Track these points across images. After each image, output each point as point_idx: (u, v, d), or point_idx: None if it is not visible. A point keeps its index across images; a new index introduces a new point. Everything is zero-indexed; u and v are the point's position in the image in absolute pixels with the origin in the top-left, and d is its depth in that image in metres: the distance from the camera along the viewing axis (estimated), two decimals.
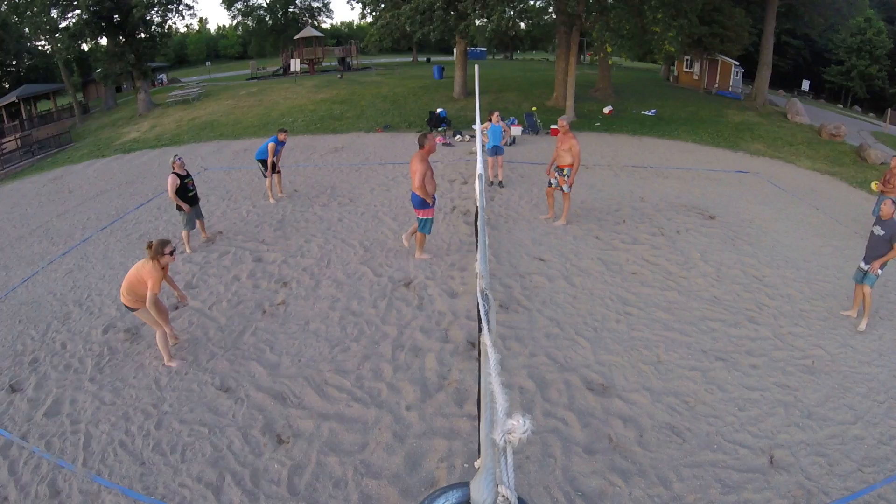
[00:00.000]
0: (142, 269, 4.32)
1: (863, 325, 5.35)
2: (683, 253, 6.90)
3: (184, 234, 6.96)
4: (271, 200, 8.98)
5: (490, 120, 9.51)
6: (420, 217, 6.16)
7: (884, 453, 3.70)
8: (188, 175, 6.88)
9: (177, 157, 6.81)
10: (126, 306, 4.47)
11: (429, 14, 15.51)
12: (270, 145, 8.52)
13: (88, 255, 7.24)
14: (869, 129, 21.51)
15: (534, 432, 1.91)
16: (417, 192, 5.88)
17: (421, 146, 5.83)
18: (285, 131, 8.86)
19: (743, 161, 12.69)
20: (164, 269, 4.40)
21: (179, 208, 6.79)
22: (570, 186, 7.50)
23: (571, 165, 7.30)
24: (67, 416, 4.06)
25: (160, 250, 4.32)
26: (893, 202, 5.17)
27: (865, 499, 3.34)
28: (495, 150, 9.39)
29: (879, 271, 5.28)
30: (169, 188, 6.64)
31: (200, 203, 7.23)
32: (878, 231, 5.28)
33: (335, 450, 3.66)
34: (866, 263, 5.36)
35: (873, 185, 8.42)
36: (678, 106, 19.70)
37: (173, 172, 6.70)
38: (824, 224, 8.45)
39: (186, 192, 6.79)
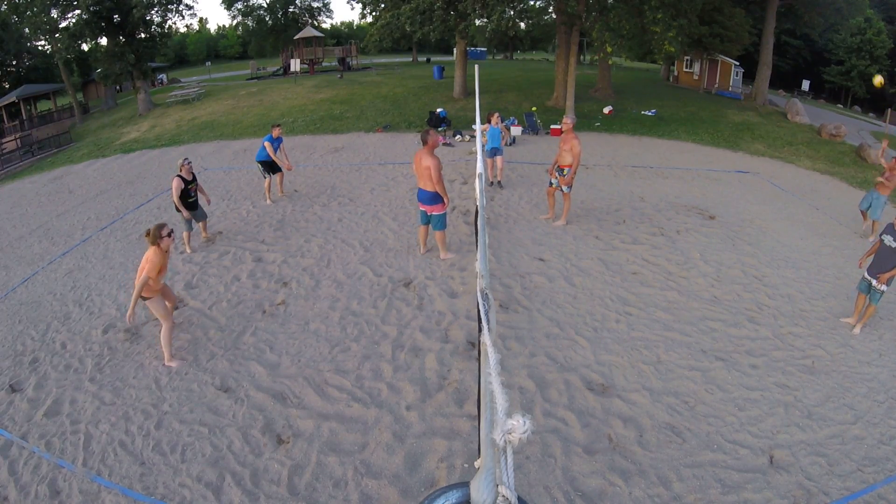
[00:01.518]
0: (146, 256, 4.46)
1: (857, 329, 5.24)
2: (683, 253, 6.90)
3: (185, 234, 6.96)
4: (268, 202, 8.94)
5: (489, 121, 9.35)
6: (435, 213, 6.13)
7: (884, 453, 3.70)
8: (193, 180, 6.83)
9: (186, 161, 6.75)
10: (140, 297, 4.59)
11: (429, 14, 15.51)
12: (266, 144, 8.44)
13: (88, 255, 7.24)
14: (869, 129, 21.52)
15: (534, 432, 1.91)
16: (435, 188, 5.81)
17: (424, 142, 5.79)
18: (279, 126, 8.72)
19: (743, 161, 12.69)
20: (165, 252, 4.54)
21: (179, 210, 6.77)
22: (570, 186, 7.48)
23: (570, 166, 7.26)
24: (67, 416, 4.06)
25: (158, 234, 4.45)
26: None
27: (865, 499, 3.34)
28: (494, 152, 9.29)
29: (884, 287, 4.96)
30: (174, 192, 6.60)
31: (203, 204, 7.21)
32: (891, 242, 4.89)
33: (335, 450, 3.66)
34: (871, 275, 5.05)
35: (877, 80, 8.13)
36: (678, 106, 19.70)
37: (178, 175, 6.64)
38: (824, 224, 8.45)
39: (187, 198, 6.72)
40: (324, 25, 50.39)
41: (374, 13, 19.05)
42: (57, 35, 20.07)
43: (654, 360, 4.65)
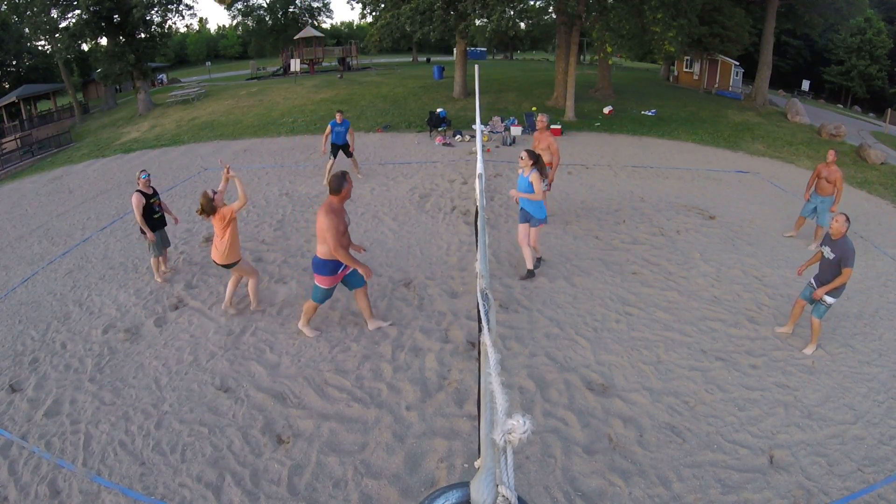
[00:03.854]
0: (217, 225, 4.86)
1: (809, 350, 4.84)
2: (683, 253, 6.90)
3: (152, 261, 6.16)
4: (327, 178, 9.95)
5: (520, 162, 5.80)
6: (314, 282, 4.67)
7: (884, 453, 3.70)
8: (155, 194, 6.07)
9: (143, 174, 5.96)
10: (224, 266, 5.04)
11: (429, 14, 15.52)
12: (328, 128, 9.50)
13: (88, 255, 7.24)
14: (869, 129, 21.51)
15: (534, 432, 1.91)
16: (330, 255, 4.35)
17: (337, 191, 4.31)
18: (340, 112, 9.63)
19: (743, 161, 12.69)
20: (229, 207, 4.89)
21: (143, 232, 5.94)
22: (550, 185, 7.31)
23: (551, 164, 7.08)
24: (67, 416, 4.06)
25: (210, 199, 4.83)
26: (847, 218, 4.55)
27: (865, 499, 3.34)
28: (526, 217, 5.85)
29: (830, 300, 4.64)
30: (135, 210, 5.78)
31: (170, 224, 6.43)
32: (828, 253, 4.60)
33: (335, 450, 3.66)
34: (817, 284, 4.77)
35: None
36: (678, 106, 19.70)
37: (138, 190, 5.85)
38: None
39: (152, 214, 5.94)
40: (324, 25, 50.42)
41: (374, 13, 19.07)
42: (57, 35, 20.07)
43: (654, 360, 4.65)
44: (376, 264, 6.44)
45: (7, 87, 33.43)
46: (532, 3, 18.06)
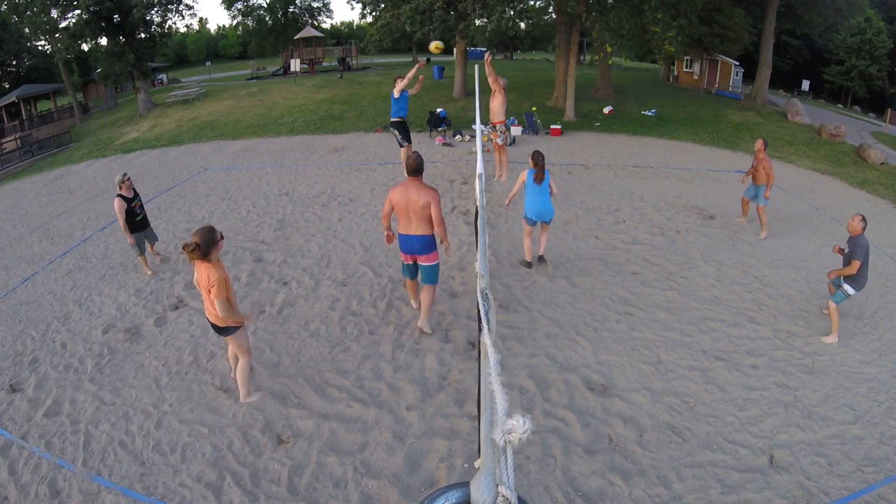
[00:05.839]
0: (209, 275, 3.43)
1: (830, 339, 5.04)
2: (683, 253, 6.90)
3: (139, 259, 6.41)
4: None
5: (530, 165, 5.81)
6: (428, 264, 4.58)
7: (884, 453, 3.70)
8: (136, 197, 6.16)
9: (126, 177, 6.04)
10: (222, 329, 3.71)
11: (429, 14, 15.52)
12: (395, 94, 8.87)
13: (88, 255, 7.24)
14: (869, 129, 21.51)
15: (534, 432, 1.91)
16: (436, 229, 4.39)
17: (417, 170, 4.42)
18: (400, 77, 8.99)
19: (743, 161, 12.67)
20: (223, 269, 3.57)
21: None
22: (504, 138, 8.77)
23: (503, 122, 8.72)
24: (67, 416, 4.06)
25: (215, 235, 3.40)
26: (862, 217, 4.89)
27: (865, 499, 3.34)
28: (540, 216, 5.87)
29: (850, 290, 4.96)
30: (118, 215, 5.92)
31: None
32: (846, 249, 5.05)
33: (335, 450, 3.66)
34: (841, 280, 5.11)
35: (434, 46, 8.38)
36: (678, 106, 19.69)
37: (119, 195, 5.94)
38: (824, 224, 8.45)
39: (133, 217, 6.07)
40: (324, 25, 50.46)
41: (374, 13, 19.08)
42: (57, 35, 20.05)
43: (654, 360, 4.65)
44: (376, 264, 6.45)
45: (7, 87, 33.43)
46: (532, 3, 18.10)
